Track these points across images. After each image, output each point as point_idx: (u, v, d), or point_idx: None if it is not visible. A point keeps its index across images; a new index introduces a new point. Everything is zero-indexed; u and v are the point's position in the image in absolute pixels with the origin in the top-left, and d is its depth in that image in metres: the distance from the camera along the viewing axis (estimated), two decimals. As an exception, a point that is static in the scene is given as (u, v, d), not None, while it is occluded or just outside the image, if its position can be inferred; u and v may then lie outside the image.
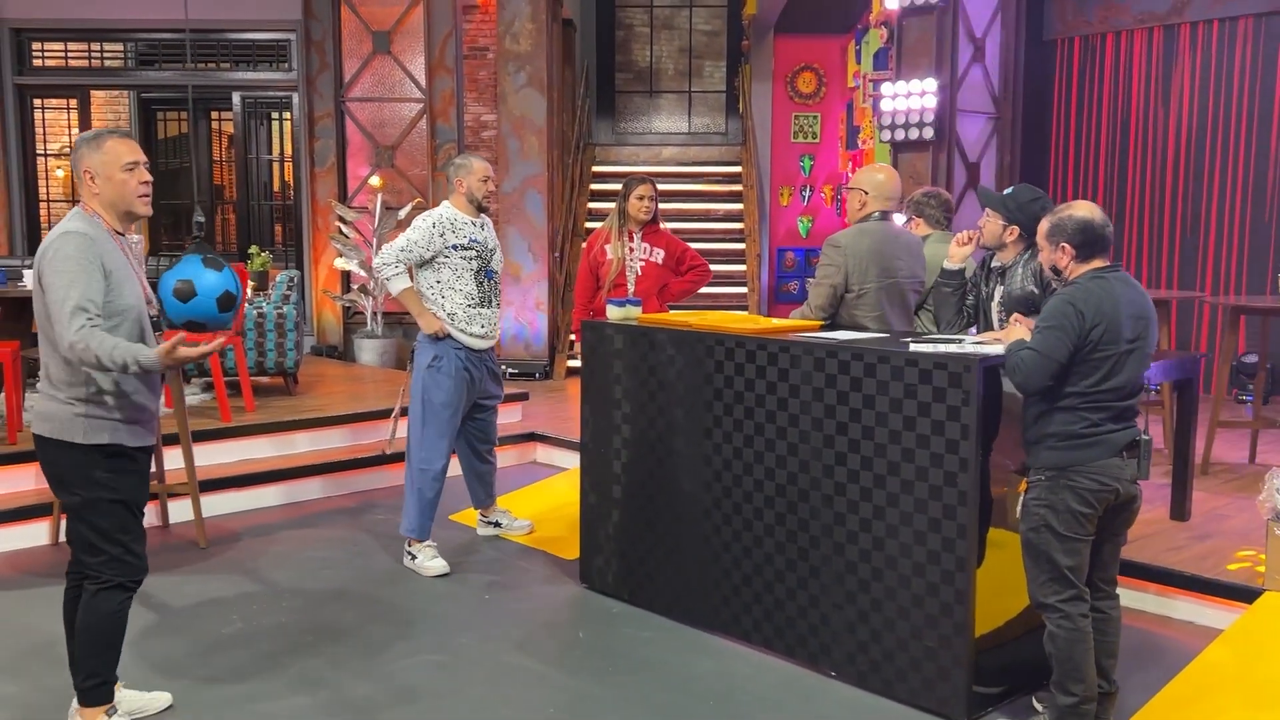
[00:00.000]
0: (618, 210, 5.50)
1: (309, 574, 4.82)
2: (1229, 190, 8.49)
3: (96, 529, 3.08)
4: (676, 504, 4.17)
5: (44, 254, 3.01)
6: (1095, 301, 3.02)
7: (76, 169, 3.13)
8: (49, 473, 3.14)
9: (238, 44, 10.17)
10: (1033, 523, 3.10)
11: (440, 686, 3.65)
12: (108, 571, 3.10)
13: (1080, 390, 3.05)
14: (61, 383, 3.02)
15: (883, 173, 4.30)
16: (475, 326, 4.89)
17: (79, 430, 3.03)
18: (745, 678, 3.71)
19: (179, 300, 3.08)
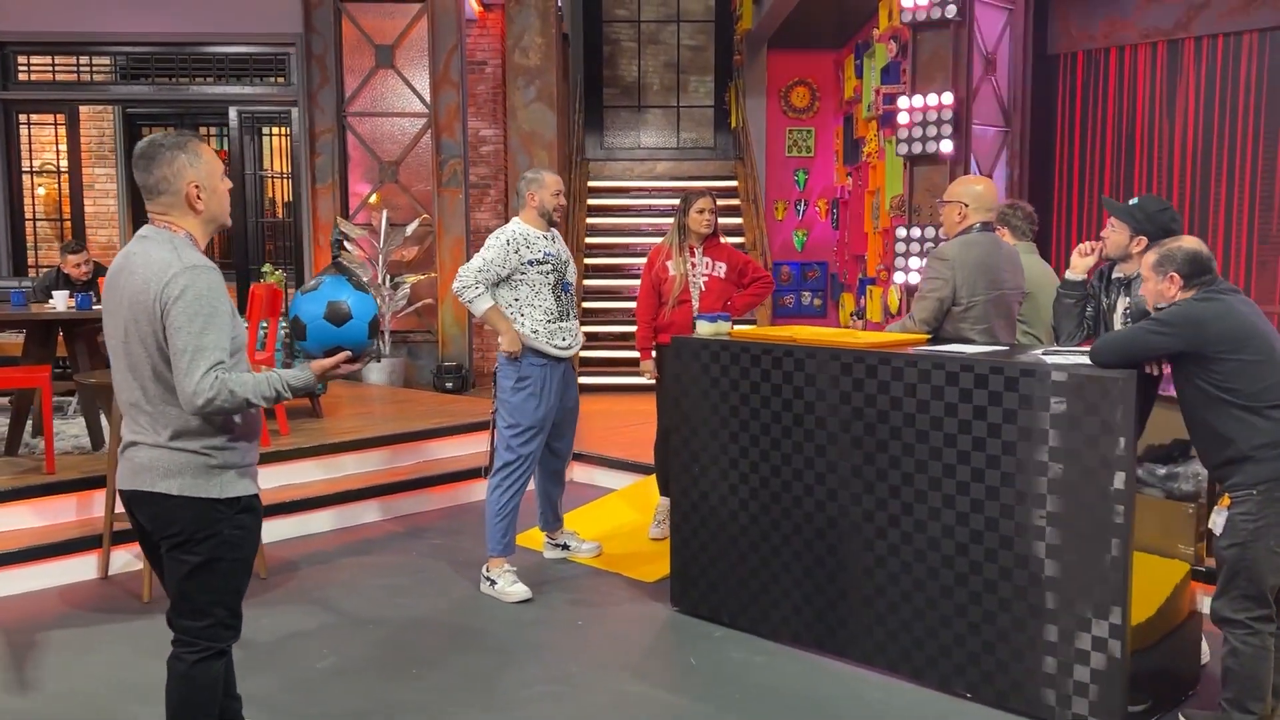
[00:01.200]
0: (677, 225, 5.43)
1: (383, 603, 4.65)
2: (1235, 204, 8.63)
3: (210, 590, 2.77)
4: (784, 525, 4.07)
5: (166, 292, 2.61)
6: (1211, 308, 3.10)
7: (173, 184, 2.70)
8: (168, 533, 2.73)
9: (234, 58, 9.92)
10: (1239, 538, 3.06)
11: (569, 717, 3.51)
12: (206, 638, 2.80)
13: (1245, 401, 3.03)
14: (190, 432, 2.69)
15: (980, 184, 4.27)
16: (558, 339, 4.77)
17: (215, 484, 2.72)
18: (878, 702, 3.63)
19: (331, 324, 2.84)
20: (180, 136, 2.75)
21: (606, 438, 7.34)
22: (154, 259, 2.65)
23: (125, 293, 2.68)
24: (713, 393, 4.26)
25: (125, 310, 2.68)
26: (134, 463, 2.74)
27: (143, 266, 2.66)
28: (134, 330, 2.68)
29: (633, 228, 11.86)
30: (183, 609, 2.80)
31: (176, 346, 2.60)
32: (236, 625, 2.87)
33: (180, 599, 2.80)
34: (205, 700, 2.83)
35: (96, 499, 5.23)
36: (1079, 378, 3.30)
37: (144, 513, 2.77)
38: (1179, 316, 3.13)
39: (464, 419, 7.20)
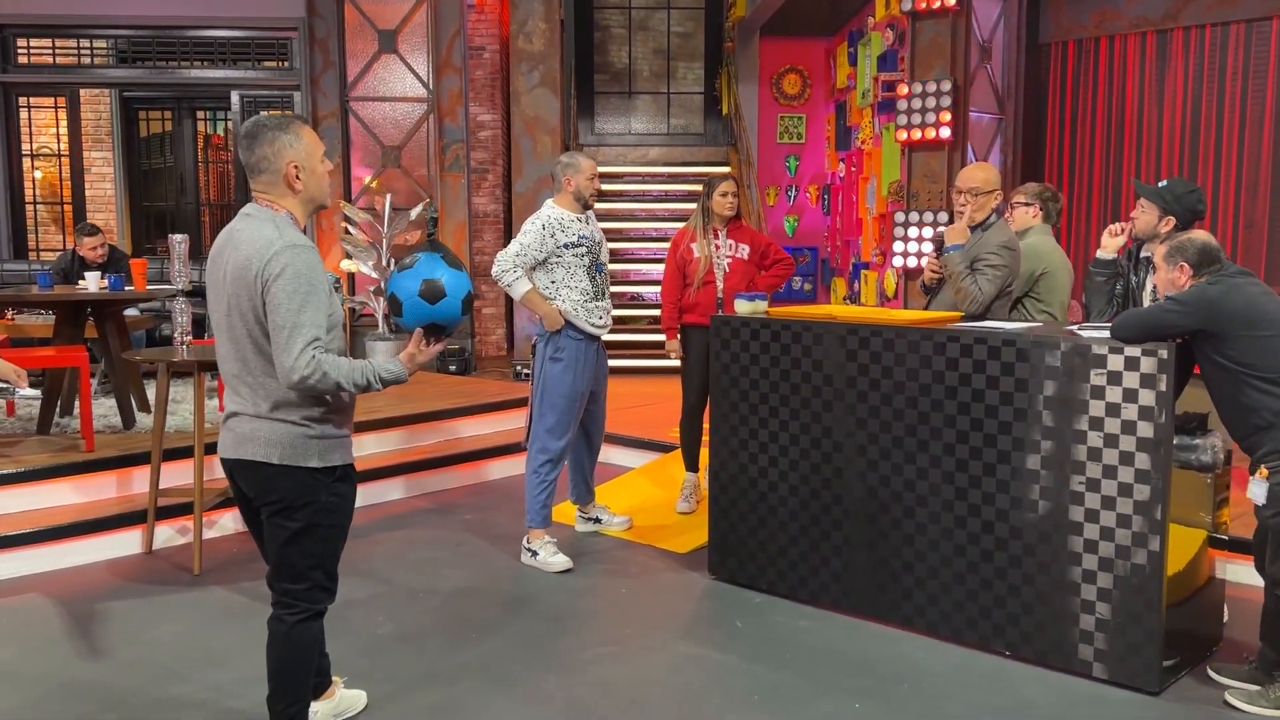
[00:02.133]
0: (700, 208, 5.56)
1: (430, 574, 4.78)
2: (1221, 190, 8.91)
3: (310, 555, 2.90)
4: (824, 495, 4.25)
5: (267, 269, 2.70)
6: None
7: (274, 163, 2.80)
8: (269, 500, 2.86)
9: (236, 42, 9.93)
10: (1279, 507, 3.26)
11: (633, 676, 3.67)
12: (306, 600, 2.93)
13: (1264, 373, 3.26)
14: (290, 404, 2.81)
15: (995, 171, 4.47)
16: (594, 319, 4.91)
17: (314, 453, 2.83)
18: (924, 660, 3.82)
19: (426, 301, 2.93)
20: (284, 117, 2.86)
21: (618, 416, 7.46)
22: (257, 236, 2.75)
23: (229, 268, 2.79)
24: (753, 369, 4.43)
25: (228, 285, 2.79)
26: (236, 433, 2.87)
27: (246, 243, 2.76)
28: (235, 304, 2.79)
29: (626, 213, 11.97)
30: (283, 573, 2.93)
31: (276, 322, 2.71)
32: (333, 588, 3.01)
33: (280, 563, 2.92)
34: (305, 659, 2.97)
35: (136, 475, 5.32)
36: (1121, 352, 3.49)
37: (246, 481, 2.90)
38: (1192, 296, 3.36)
39: (477, 399, 7.32)
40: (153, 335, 7.34)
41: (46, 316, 6.67)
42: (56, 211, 10.73)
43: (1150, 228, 3.89)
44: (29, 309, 6.80)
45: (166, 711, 3.42)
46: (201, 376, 4.75)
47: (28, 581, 4.66)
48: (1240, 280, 3.39)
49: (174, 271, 5.18)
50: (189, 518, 4.89)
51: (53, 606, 4.36)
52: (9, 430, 6.00)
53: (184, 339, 4.90)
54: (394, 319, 3.06)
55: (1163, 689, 3.53)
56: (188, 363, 4.75)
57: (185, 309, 4.95)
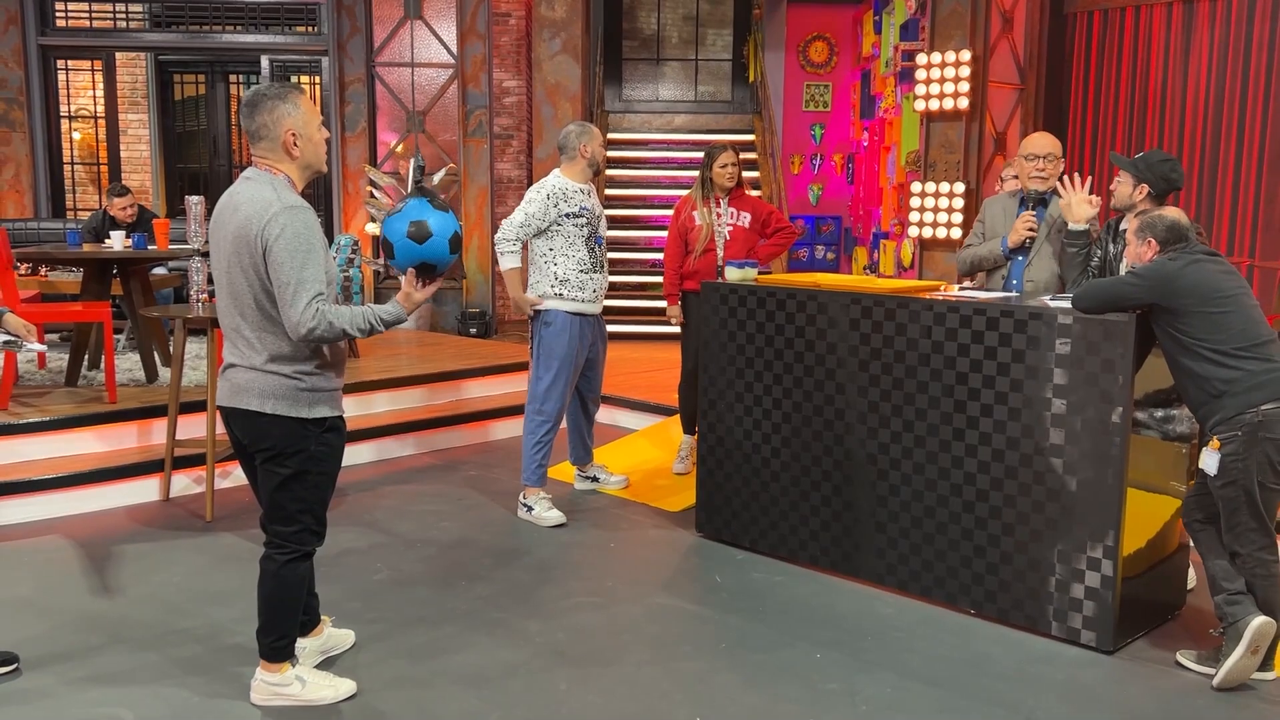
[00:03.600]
0: (701, 179, 5.66)
1: (428, 525, 4.99)
2: (1244, 163, 8.84)
3: (299, 500, 3.09)
4: (804, 457, 4.39)
5: (267, 230, 2.89)
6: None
7: (272, 130, 2.98)
8: (261, 447, 3.06)
9: (266, 7, 10.12)
10: (1233, 476, 3.36)
11: (610, 624, 3.86)
12: (295, 542, 3.12)
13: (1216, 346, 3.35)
14: (283, 358, 2.99)
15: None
16: (586, 292, 5.05)
17: (304, 404, 3.02)
18: (890, 617, 3.96)
19: (414, 242, 3.13)
20: (283, 87, 3.05)
21: (627, 381, 7.65)
22: (256, 198, 2.95)
23: (230, 228, 2.98)
24: (740, 334, 4.56)
25: (229, 244, 2.99)
26: (233, 383, 3.07)
27: (246, 204, 2.96)
28: (236, 262, 2.98)
29: (651, 180, 12.08)
30: (274, 515, 3.13)
31: (280, 280, 2.91)
32: (321, 531, 3.21)
33: (272, 507, 3.13)
34: (292, 596, 3.17)
35: (156, 427, 5.57)
36: (1083, 321, 3.59)
37: (241, 428, 3.10)
38: (1151, 270, 3.46)
39: (492, 361, 7.52)
40: (180, 293, 7.60)
41: (77, 274, 6.93)
42: (93, 172, 11.03)
43: (1127, 198, 3.96)
44: (61, 266, 7.07)
45: (170, 644, 3.65)
46: (217, 333, 4.96)
47: (51, 524, 4.92)
48: (1201, 258, 3.47)
49: (190, 232, 5.39)
50: (204, 468, 5.12)
51: (72, 548, 4.62)
52: (39, 382, 6.28)
53: (199, 297, 5.12)
54: (388, 261, 3.25)
55: (1117, 649, 3.66)
56: (203, 319, 4.96)
57: (201, 268, 5.16)
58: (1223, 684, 3.37)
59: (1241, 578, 3.42)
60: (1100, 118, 9.73)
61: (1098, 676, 3.50)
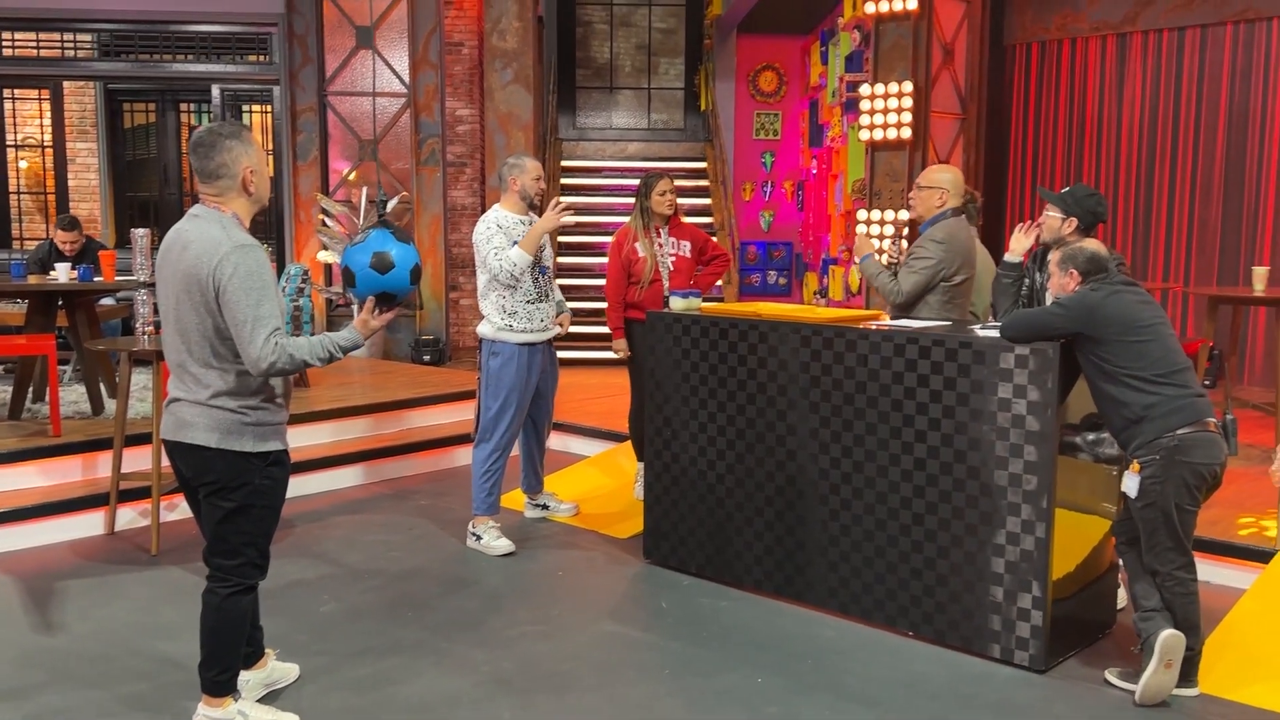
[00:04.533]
0: (639, 208, 5.63)
1: (378, 556, 5.01)
2: (1177, 191, 9.12)
3: (243, 533, 3.12)
4: (748, 483, 4.48)
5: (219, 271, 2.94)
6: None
7: (232, 169, 3.04)
8: (205, 481, 3.09)
9: (217, 36, 10.13)
10: (1151, 498, 3.48)
11: (556, 652, 3.90)
12: (238, 575, 3.15)
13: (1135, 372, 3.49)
14: (229, 392, 3.04)
15: (953, 171, 4.68)
16: (534, 322, 5.10)
17: (249, 438, 3.06)
18: (831, 639, 4.05)
19: (376, 272, 3.21)
20: (235, 125, 3.13)
21: (580, 407, 7.71)
22: (206, 236, 3.02)
23: (179, 266, 3.04)
24: (684, 363, 4.65)
25: (178, 281, 3.04)
26: (177, 417, 3.11)
27: (196, 242, 3.02)
28: (186, 299, 3.03)
29: (605, 207, 12.18)
30: (217, 549, 3.16)
31: (237, 319, 2.97)
32: (264, 565, 3.24)
33: (215, 540, 3.16)
34: (234, 630, 3.20)
35: (101, 460, 5.54)
36: (1011, 349, 3.71)
37: (185, 461, 3.13)
38: (1075, 301, 3.60)
39: (445, 389, 7.54)
40: (128, 325, 7.55)
41: (22, 305, 6.88)
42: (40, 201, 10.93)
43: (1055, 230, 4.10)
44: (5, 298, 7.02)
45: (115, 681, 3.64)
46: (163, 365, 4.96)
47: (-6, 560, 4.89)
48: (1121, 289, 3.61)
49: (136, 264, 5.40)
50: (150, 501, 5.10)
51: (14, 583, 4.58)
52: (-17, 415, 6.23)
53: (145, 329, 5.12)
54: (348, 290, 3.33)
55: (1049, 668, 3.76)
56: (149, 352, 4.96)
57: (148, 300, 5.17)
58: (1142, 699, 3.49)
59: (1156, 595, 3.55)
60: (1039, 146, 10.00)
61: (1031, 696, 3.60)
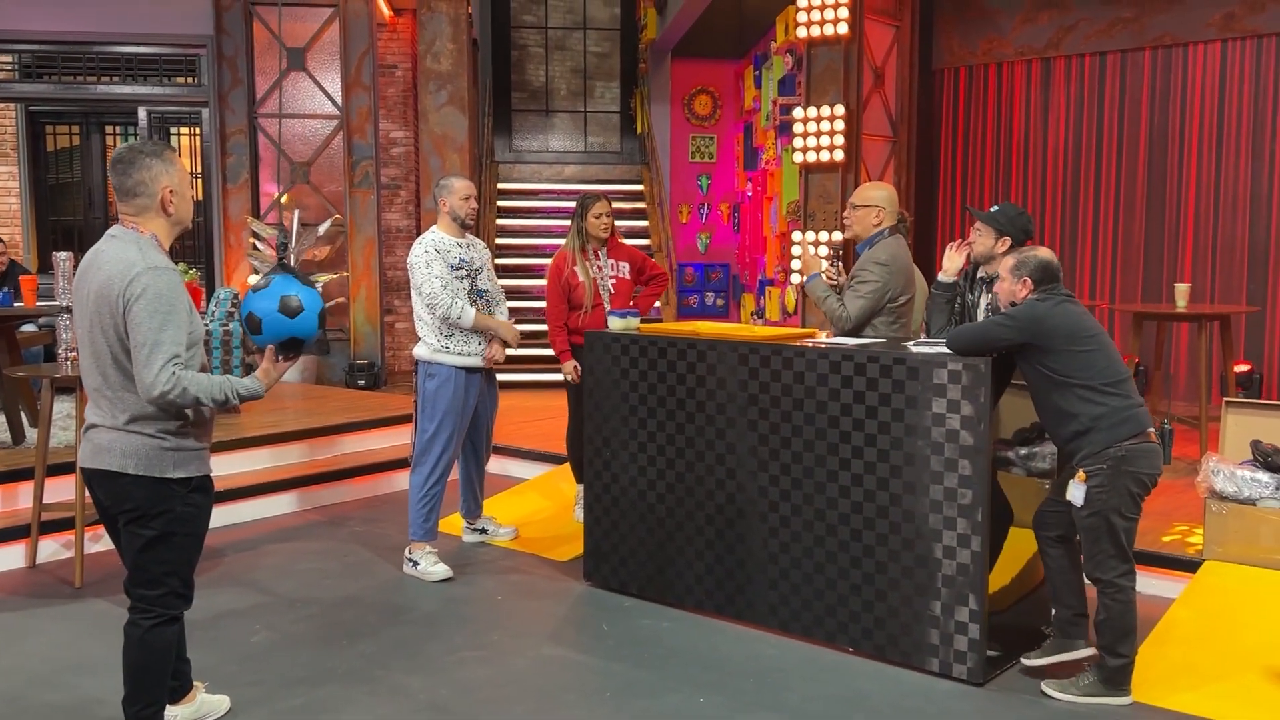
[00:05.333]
0: (575, 229, 5.57)
1: (312, 584, 4.90)
2: (1102, 210, 9.35)
3: (164, 562, 3.04)
4: (688, 502, 4.47)
5: (128, 290, 2.89)
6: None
7: (150, 188, 2.97)
8: (124, 509, 3.01)
9: (143, 58, 9.94)
10: (1097, 507, 3.54)
11: (495, 678, 3.84)
12: (161, 606, 3.06)
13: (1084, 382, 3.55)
14: (145, 417, 2.96)
15: (887, 189, 4.71)
16: (472, 345, 5.06)
17: (168, 464, 2.99)
18: (772, 657, 4.04)
19: (286, 317, 3.14)
20: (156, 144, 3.05)
21: (519, 430, 7.65)
22: (120, 257, 2.95)
23: (92, 287, 2.97)
24: (623, 382, 4.64)
25: (91, 303, 2.97)
26: (94, 443, 3.02)
27: (109, 263, 2.95)
28: (98, 321, 2.96)
29: (542, 229, 12.16)
30: (139, 579, 3.07)
31: (137, 340, 2.89)
32: (188, 594, 3.15)
33: (136, 570, 3.06)
34: (159, 662, 3.10)
35: (22, 490, 5.35)
36: (943, 364, 3.76)
37: (103, 489, 3.04)
38: (1022, 313, 3.64)
39: (380, 413, 7.44)
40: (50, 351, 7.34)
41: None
42: (-42, 226, 10.61)
43: (988, 250, 4.17)
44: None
45: (33, 718, 3.50)
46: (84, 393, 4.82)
47: (-94, 596, 4.69)
48: (1065, 301, 3.67)
49: (58, 289, 5.25)
50: (73, 532, 4.95)
51: (-71, 620, 4.41)
52: (-104, 447, 5.99)
53: (68, 355, 4.97)
54: (252, 338, 3.24)
55: (987, 680, 3.80)
56: (71, 379, 4.82)
57: (70, 325, 5.03)
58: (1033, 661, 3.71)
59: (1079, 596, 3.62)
60: (968, 167, 10.19)
61: (968, 709, 3.63)
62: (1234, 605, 4.25)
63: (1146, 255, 9.07)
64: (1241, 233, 8.35)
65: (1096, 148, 9.34)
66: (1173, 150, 8.82)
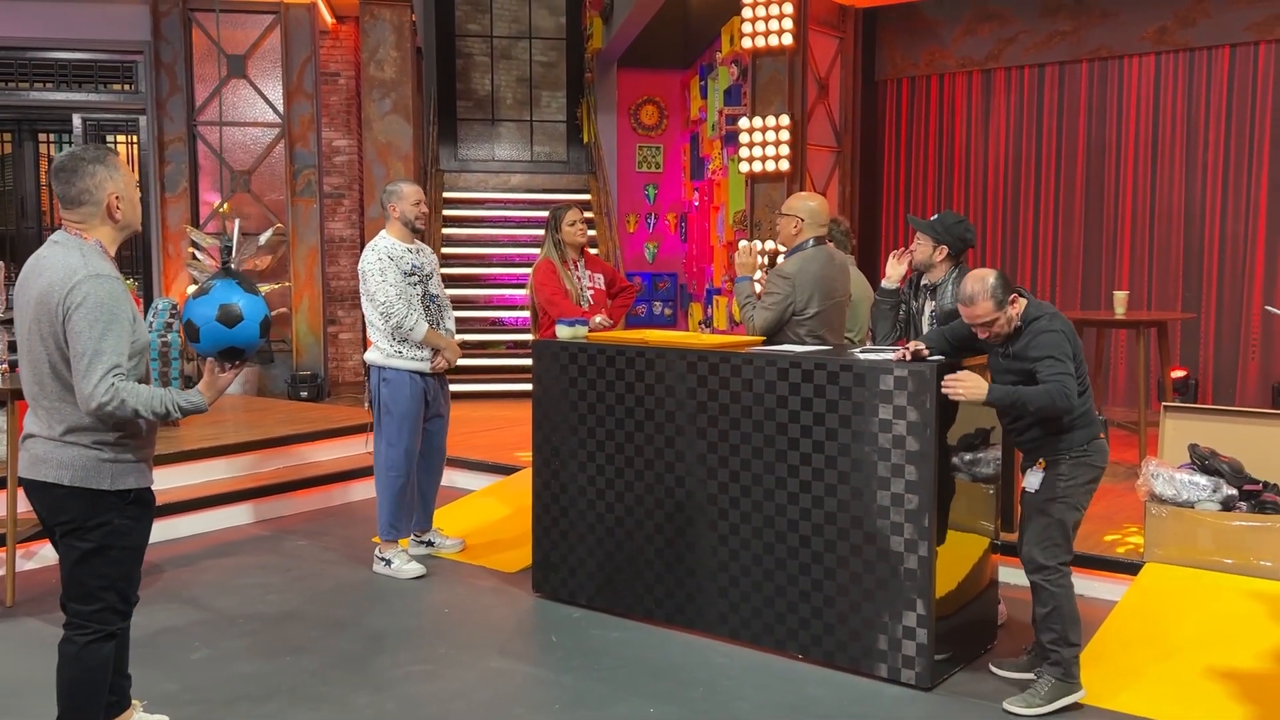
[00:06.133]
0: (552, 242, 5.47)
1: (253, 599, 4.80)
2: (1042, 218, 9.52)
3: (101, 576, 2.95)
4: (637, 511, 4.44)
5: (69, 298, 2.82)
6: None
7: (95, 195, 2.90)
8: (60, 520, 2.94)
9: (78, 64, 9.73)
10: (1054, 494, 3.60)
11: (442, 692, 3.78)
12: (97, 621, 2.98)
13: None
14: (83, 428, 2.89)
15: (814, 200, 4.72)
16: (425, 350, 5.02)
17: (106, 476, 2.92)
18: (722, 665, 4.03)
19: (225, 325, 3.04)
20: (99, 149, 2.97)
21: (466, 441, 7.58)
22: (62, 264, 2.87)
23: (32, 293, 2.92)
24: (572, 391, 4.60)
25: (31, 310, 2.91)
26: (31, 454, 2.96)
27: (50, 270, 2.89)
28: (36, 329, 2.89)
29: (489, 238, 12.10)
30: (74, 593, 2.98)
31: (77, 350, 2.82)
32: (127, 610, 3.07)
33: (71, 584, 2.98)
34: (95, 680, 3.01)
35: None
36: (890, 371, 3.78)
37: (39, 500, 2.97)
38: (1061, 346, 3.52)
39: (324, 425, 7.33)
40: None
41: None
42: (-117, 236, 10.28)
43: (927, 258, 4.21)
44: None
45: (-40, 743, 3.39)
46: (20, 405, 4.68)
47: None
48: (1049, 307, 3.70)
49: (-11, 299, 5.10)
50: (4, 549, 4.80)
51: None
52: None
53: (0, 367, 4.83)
54: (191, 345, 3.14)
55: (935, 685, 3.82)
56: (2, 390, 4.68)
57: (2, 336, 4.88)
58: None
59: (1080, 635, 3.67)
60: (911, 177, 10.32)
61: (917, 713, 3.65)
62: (1174, 606, 4.32)
63: (1085, 263, 9.24)
64: (1177, 241, 8.54)
65: (1036, 158, 9.50)
66: (1110, 160, 9.00)
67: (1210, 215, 8.34)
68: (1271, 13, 7.84)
